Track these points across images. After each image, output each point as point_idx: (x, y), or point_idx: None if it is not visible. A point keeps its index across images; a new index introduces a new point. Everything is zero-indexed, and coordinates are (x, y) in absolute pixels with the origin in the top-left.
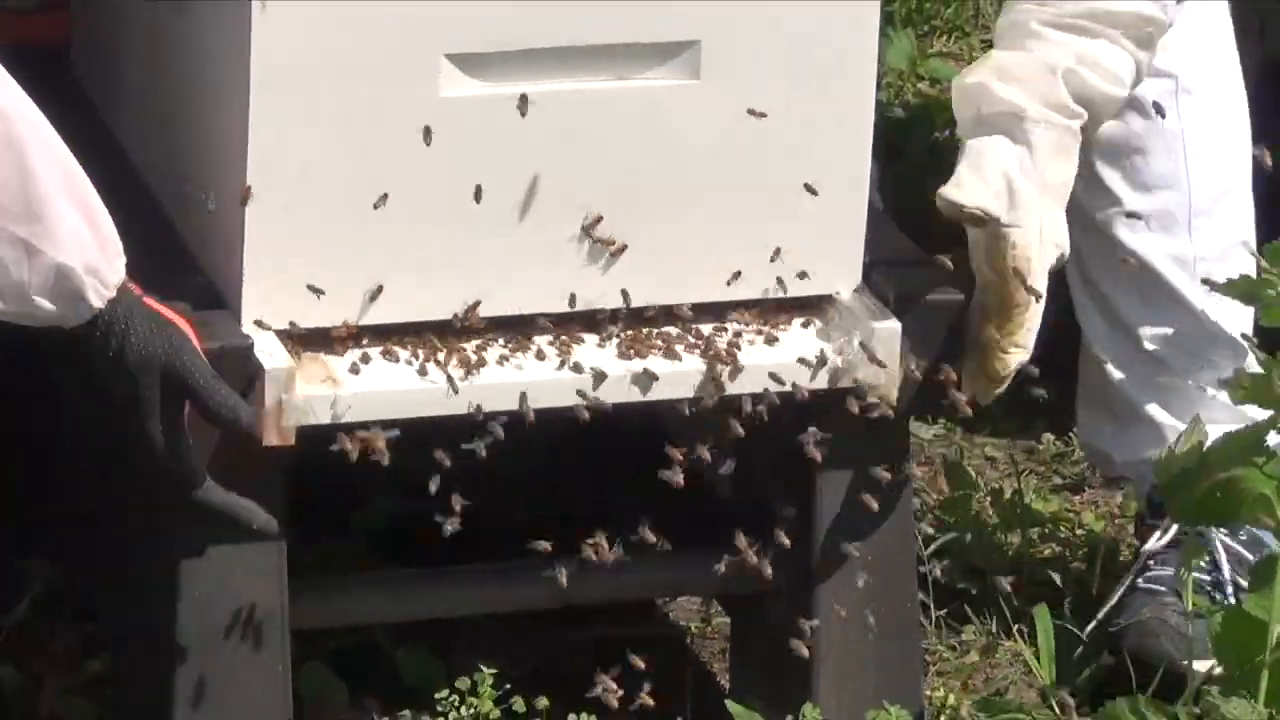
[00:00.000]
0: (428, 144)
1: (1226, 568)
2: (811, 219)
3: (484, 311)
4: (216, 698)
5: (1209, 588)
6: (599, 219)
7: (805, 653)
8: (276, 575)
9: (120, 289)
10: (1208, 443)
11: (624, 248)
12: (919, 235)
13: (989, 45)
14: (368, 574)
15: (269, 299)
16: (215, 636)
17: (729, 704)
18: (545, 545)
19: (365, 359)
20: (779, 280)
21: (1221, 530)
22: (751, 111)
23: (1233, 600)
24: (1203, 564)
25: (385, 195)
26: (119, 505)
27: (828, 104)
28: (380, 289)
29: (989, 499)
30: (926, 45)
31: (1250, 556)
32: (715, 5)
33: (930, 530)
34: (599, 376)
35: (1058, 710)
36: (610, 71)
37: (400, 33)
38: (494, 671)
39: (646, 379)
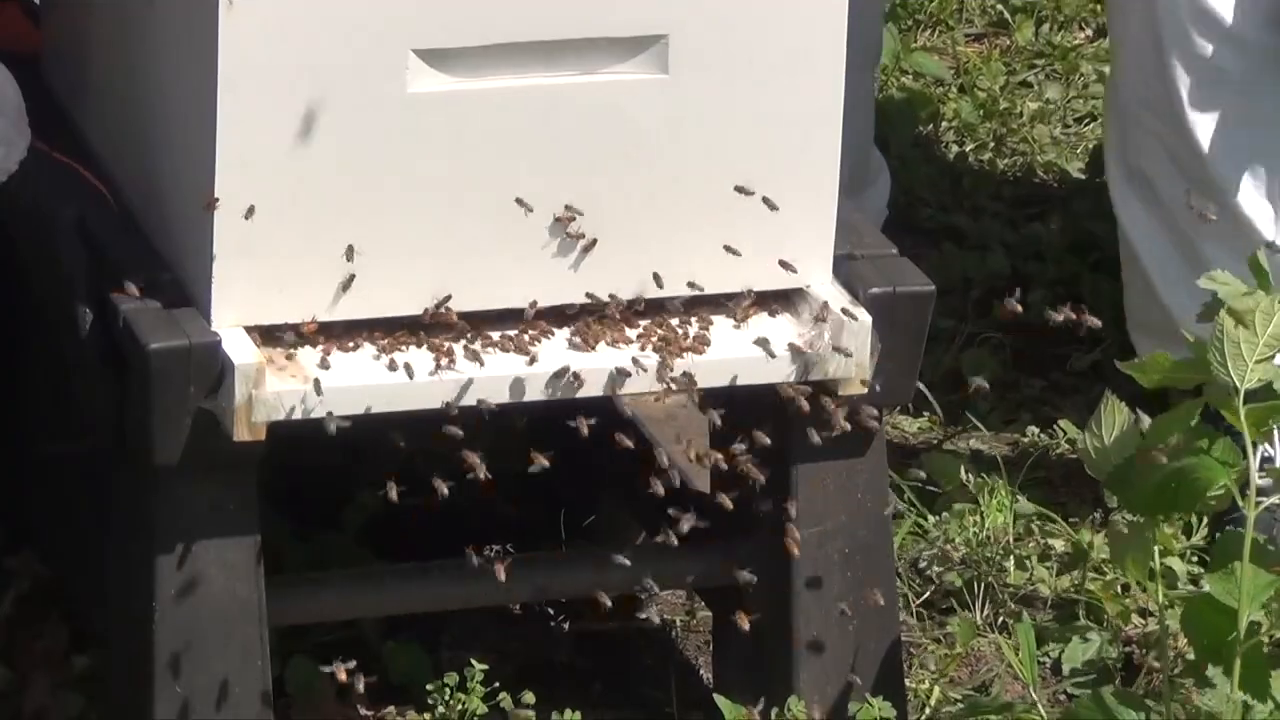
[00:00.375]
0: (396, 140)
1: None
2: (782, 213)
3: (453, 306)
4: (196, 692)
5: None
6: (569, 214)
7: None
8: (252, 569)
9: (30, 149)
10: (1128, 421)
11: (594, 242)
12: (906, 229)
13: (972, 39)
14: (355, 569)
15: (237, 296)
16: (193, 631)
17: (716, 698)
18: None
19: (334, 354)
20: (750, 274)
21: None
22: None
23: None
24: None
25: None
26: (101, 501)
27: (796, 97)
28: (349, 284)
29: (973, 492)
30: (910, 40)
31: None
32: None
33: (913, 523)
34: (565, 371)
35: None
36: (578, 66)
37: (368, 28)
38: (484, 667)
39: (616, 373)
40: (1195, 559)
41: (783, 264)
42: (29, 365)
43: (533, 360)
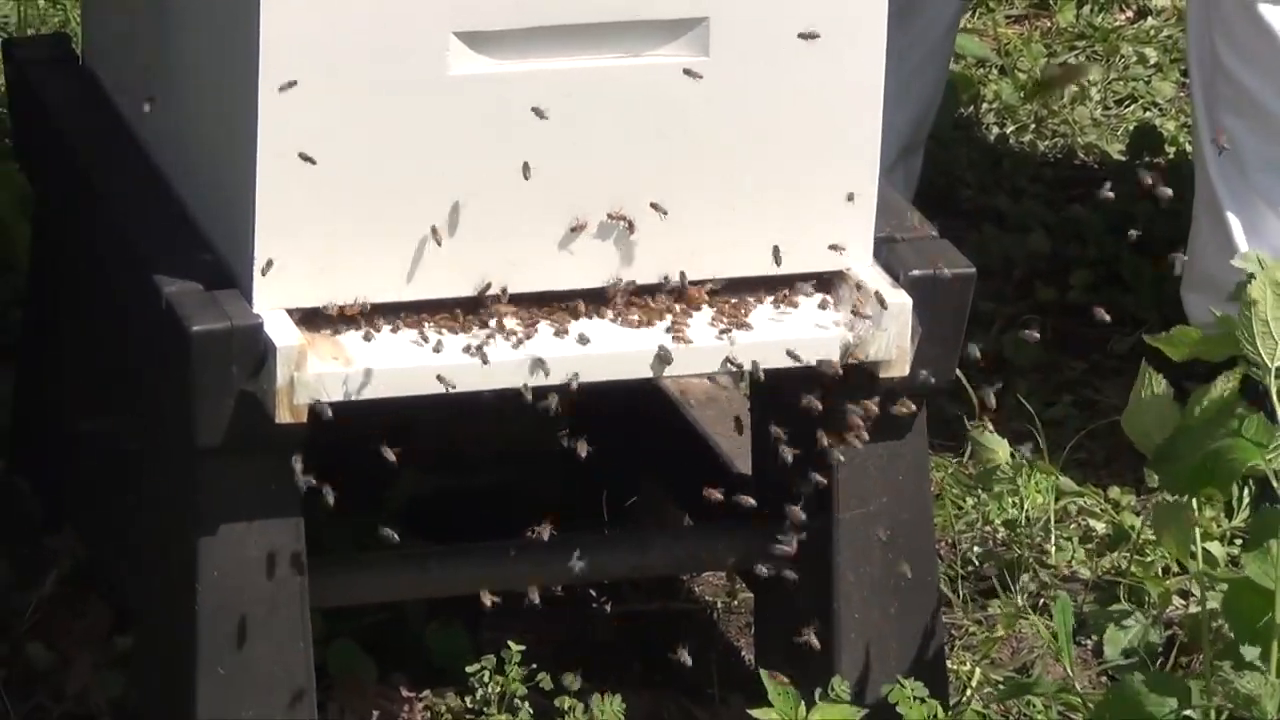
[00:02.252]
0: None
1: None
2: (822, 194)
3: (494, 289)
4: (238, 674)
5: None
6: (609, 196)
7: (816, 645)
8: (295, 551)
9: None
10: (1166, 397)
11: (633, 224)
12: (946, 211)
13: (1013, 20)
14: (396, 550)
15: (279, 278)
16: (235, 613)
17: (762, 673)
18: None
19: (376, 336)
20: (790, 256)
21: None
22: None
23: None
24: None
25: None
26: (140, 480)
27: (837, 78)
28: (390, 267)
29: (1012, 473)
30: None
31: None
32: None
33: (954, 505)
34: (610, 353)
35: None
36: (619, 48)
37: (409, 11)
38: (522, 648)
39: (659, 355)
40: (1238, 541)
41: (823, 246)
42: (67, 344)
43: (580, 342)
